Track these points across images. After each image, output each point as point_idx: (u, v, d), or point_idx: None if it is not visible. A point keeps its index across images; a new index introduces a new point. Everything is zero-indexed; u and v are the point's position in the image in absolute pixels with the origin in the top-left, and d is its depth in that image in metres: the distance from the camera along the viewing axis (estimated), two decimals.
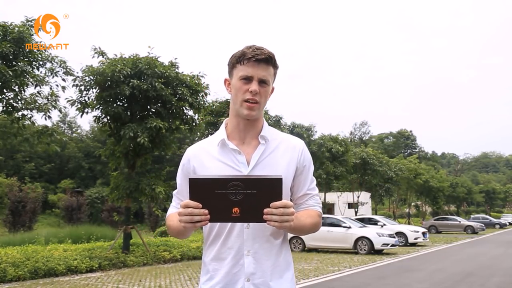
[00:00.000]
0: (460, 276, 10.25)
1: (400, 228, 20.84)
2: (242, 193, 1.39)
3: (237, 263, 1.57)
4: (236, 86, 1.62)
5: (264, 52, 1.60)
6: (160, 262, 11.66)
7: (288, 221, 1.41)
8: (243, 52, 1.61)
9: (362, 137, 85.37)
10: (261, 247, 1.58)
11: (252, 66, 1.59)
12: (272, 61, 1.62)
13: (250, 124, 1.65)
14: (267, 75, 1.61)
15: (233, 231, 1.58)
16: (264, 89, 1.62)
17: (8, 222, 28.32)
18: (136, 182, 11.40)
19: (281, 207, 1.39)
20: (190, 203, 1.41)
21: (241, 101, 1.60)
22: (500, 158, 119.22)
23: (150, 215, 33.98)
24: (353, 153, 28.16)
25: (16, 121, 9.53)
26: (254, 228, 1.57)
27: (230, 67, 1.67)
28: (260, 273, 1.56)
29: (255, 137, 1.67)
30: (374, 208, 37.40)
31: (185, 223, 1.42)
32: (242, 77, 1.60)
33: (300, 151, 1.68)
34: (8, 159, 44.52)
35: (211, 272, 1.61)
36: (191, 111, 12.39)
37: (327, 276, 10.01)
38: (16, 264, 8.90)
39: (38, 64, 9.57)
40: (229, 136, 1.67)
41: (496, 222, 41.46)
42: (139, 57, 11.51)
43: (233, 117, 1.68)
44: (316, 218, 1.67)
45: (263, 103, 1.64)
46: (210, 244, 1.63)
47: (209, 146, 1.69)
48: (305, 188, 1.69)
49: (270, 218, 1.40)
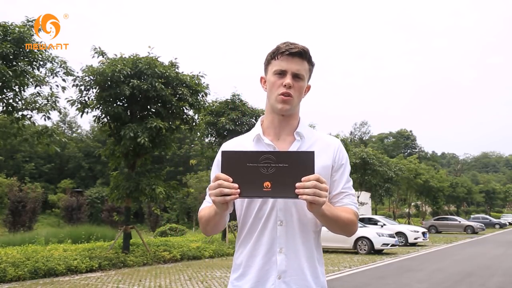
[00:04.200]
0: (460, 276, 10.25)
1: (400, 228, 20.84)
2: (274, 167, 1.37)
3: (269, 260, 1.55)
4: (270, 81, 1.63)
5: (297, 46, 1.60)
6: (160, 262, 11.66)
7: (321, 196, 1.36)
8: (277, 47, 1.62)
9: (362, 137, 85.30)
10: (293, 245, 1.56)
11: (286, 60, 1.59)
12: (307, 55, 1.62)
13: (285, 120, 1.65)
14: (301, 69, 1.61)
15: (266, 227, 1.56)
16: (298, 84, 1.61)
17: (8, 222, 28.32)
18: (136, 182, 11.40)
19: (313, 181, 1.36)
20: (220, 176, 1.38)
21: (276, 95, 1.60)
22: (500, 158, 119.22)
23: (150, 215, 33.99)
24: (353, 153, 28.15)
25: (16, 121, 9.53)
26: (288, 225, 1.56)
27: (265, 64, 1.67)
28: (292, 271, 1.55)
29: (290, 134, 1.66)
30: (374, 208, 37.38)
31: (215, 196, 1.39)
32: (276, 71, 1.60)
33: (336, 149, 1.67)
34: (8, 159, 44.53)
35: (243, 268, 1.60)
36: (191, 111, 12.40)
37: (327, 276, 10.01)
38: (16, 264, 8.90)
39: (38, 64, 9.56)
40: (265, 132, 1.67)
41: (496, 222, 41.48)
42: (139, 57, 11.51)
43: (269, 113, 1.68)
44: (353, 216, 1.61)
45: (297, 98, 1.63)
46: (242, 241, 1.63)
47: (244, 142, 1.69)
48: (340, 186, 1.65)
49: (302, 191, 1.35)
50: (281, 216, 1.56)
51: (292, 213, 1.57)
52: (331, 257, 14.33)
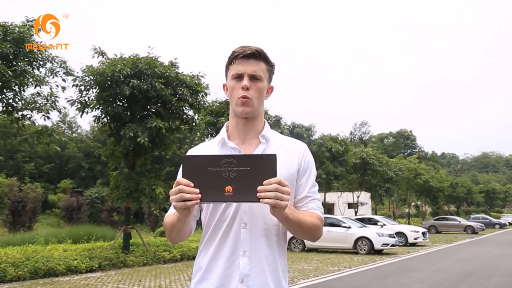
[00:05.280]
0: (460, 276, 10.25)
1: (400, 228, 20.84)
2: (235, 171, 1.35)
3: (232, 264, 1.52)
4: (230, 86, 1.63)
5: (251, 48, 1.60)
6: (160, 262, 11.66)
7: (282, 199, 1.33)
8: (232, 52, 1.63)
9: (362, 137, 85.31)
10: (257, 249, 1.53)
11: (241, 63, 1.59)
12: (261, 56, 1.61)
13: (250, 123, 1.64)
14: (258, 70, 1.60)
15: (230, 230, 1.54)
16: (256, 85, 1.60)
17: (8, 222, 28.26)
18: (136, 182, 11.39)
19: (275, 184, 1.33)
20: (181, 181, 1.36)
21: (236, 99, 1.60)
22: (500, 158, 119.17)
23: (150, 215, 33.94)
24: (353, 153, 28.14)
25: (16, 121, 9.53)
26: (252, 228, 1.54)
27: (225, 71, 1.68)
28: (255, 275, 1.51)
29: (255, 137, 1.65)
30: (374, 208, 37.39)
31: (176, 201, 1.36)
32: (234, 75, 1.61)
33: (302, 152, 1.65)
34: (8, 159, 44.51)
35: (204, 272, 1.56)
36: (191, 111, 12.39)
37: (327, 276, 10.01)
38: (16, 264, 8.90)
39: (38, 64, 9.57)
40: (230, 137, 1.67)
41: (496, 222, 41.48)
42: (139, 57, 11.51)
43: (232, 118, 1.68)
44: (317, 220, 1.58)
45: (257, 100, 1.62)
46: (205, 244, 1.60)
47: (209, 146, 1.70)
48: (306, 190, 1.62)
49: (264, 195, 1.33)
50: (245, 218, 1.53)
51: (257, 216, 1.54)
52: (331, 257, 14.32)
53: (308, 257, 14.37)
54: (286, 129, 20.66)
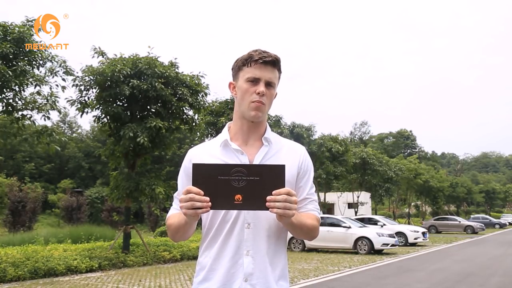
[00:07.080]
0: (460, 276, 10.25)
1: (400, 228, 20.85)
2: (245, 180, 1.39)
3: (236, 263, 1.55)
4: (242, 88, 1.63)
5: (270, 54, 1.62)
6: (160, 262, 11.66)
7: (291, 209, 1.40)
8: (250, 55, 1.62)
9: (362, 137, 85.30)
10: (260, 248, 1.56)
11: (259, 68, 1.60)
12: (278, 64, 1.64)
13: (254, 126, 1.66)
14: (273, 78, 1.63)
15: (234, 230, 1.56)
16: (270, 92, 1.63)
17: (8, 222, 28.27)
18: (136, 182, 11.39)
19: (284, 194, 1.39)
20: (191, 189, 1.40)
21: (248, 102, 1.61)
22: (500, 158, 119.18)
23: (150, 215, 33.94)
24: (353, 153, 28.13)
25: (16, 121, 9.52)
26: (255, 228, 1.56)
27: (236, 70, 1.67)
28: (258, 273, 1.54)
29: (258, 139, 1.67)
30: (374, 208, 37.37)
31: (186, 209, 1.40)
32: (249, 79, 1.61)
33: (302, 156, 1.69)
34: (8, 159, 44.50)
35: (208, 271, 1.58)
36: (191, 111, 12.39)
37: (327, 276, 10.01)
38: (16, 264, 8.90)
39: (38, 64, 9.56)
40: (232, 138, 1.67)
41: (496, 222, 41.49)
42: (139, 57, 11.51)
43: (238, 119, 1.68)
44: (315, 222, 1.65)
45: (268, 106, 1.65)
46: (208, 243, 1.61)
47: (211, 147, 1.69)
48: (305, 192, 1.68)
49: (273, 205, 1.39)
50: (249, 218, 1.56)
51: (260, 216, 1.56)
52: (331, 257, 14.32)
53: (308, 257, 14.37)
54: (286, 129, 20.64)
